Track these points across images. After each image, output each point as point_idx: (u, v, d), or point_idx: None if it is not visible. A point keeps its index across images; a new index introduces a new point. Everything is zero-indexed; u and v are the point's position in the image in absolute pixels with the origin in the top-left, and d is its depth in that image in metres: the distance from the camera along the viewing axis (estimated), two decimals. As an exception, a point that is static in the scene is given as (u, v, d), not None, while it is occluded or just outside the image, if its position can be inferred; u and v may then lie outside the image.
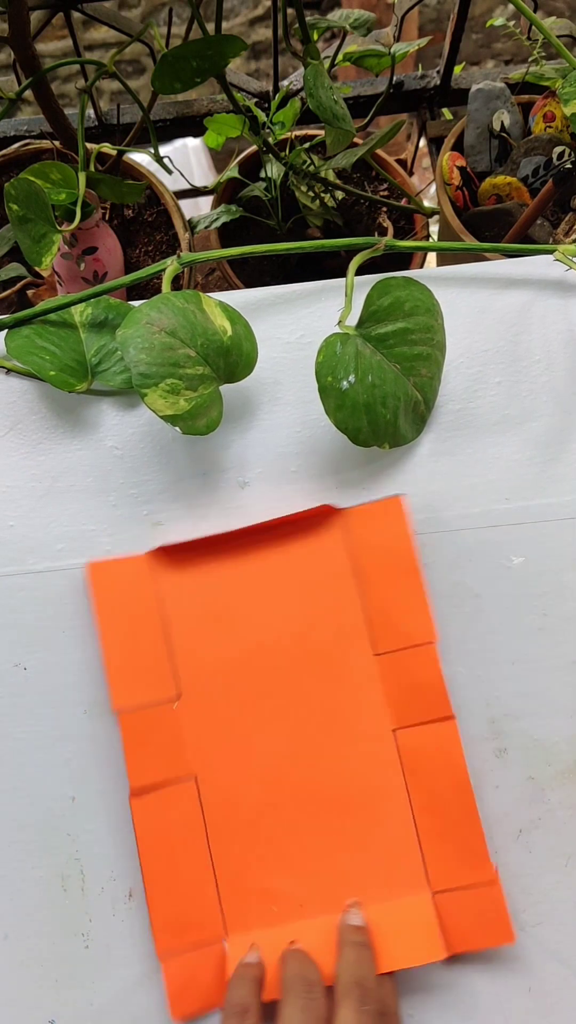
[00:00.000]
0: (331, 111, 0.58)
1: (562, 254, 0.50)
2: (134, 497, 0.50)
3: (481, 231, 0.74)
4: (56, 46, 1.67)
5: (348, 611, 0.48)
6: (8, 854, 0.47)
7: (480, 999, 0.45)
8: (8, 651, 0.48)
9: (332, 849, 0.46)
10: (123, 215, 0.80)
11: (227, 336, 0.47)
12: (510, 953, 0.46)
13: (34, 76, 0.60)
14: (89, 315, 0.52)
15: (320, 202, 0.79)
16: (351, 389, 0.45)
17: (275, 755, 0.47)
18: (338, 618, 0.48)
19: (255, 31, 1.75)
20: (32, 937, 0.46)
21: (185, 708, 0.47)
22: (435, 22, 1.75)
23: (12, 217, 0.56)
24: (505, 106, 0.76)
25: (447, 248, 0.59)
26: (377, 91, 0.87)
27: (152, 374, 0.43)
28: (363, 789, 0.47)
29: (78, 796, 0.47)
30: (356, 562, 0.48)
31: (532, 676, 0.49)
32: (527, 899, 0.46)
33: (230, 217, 0.77)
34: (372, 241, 0.51)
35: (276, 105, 0.76)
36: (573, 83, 0.59)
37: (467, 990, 0.45)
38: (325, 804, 0.46)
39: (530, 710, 0.48)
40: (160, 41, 0.65)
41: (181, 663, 0.47)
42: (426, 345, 0.48)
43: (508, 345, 0.52)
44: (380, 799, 0.46)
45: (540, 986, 0.46)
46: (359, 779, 0.47)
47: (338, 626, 0.48)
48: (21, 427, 0.51)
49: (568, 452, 0.51)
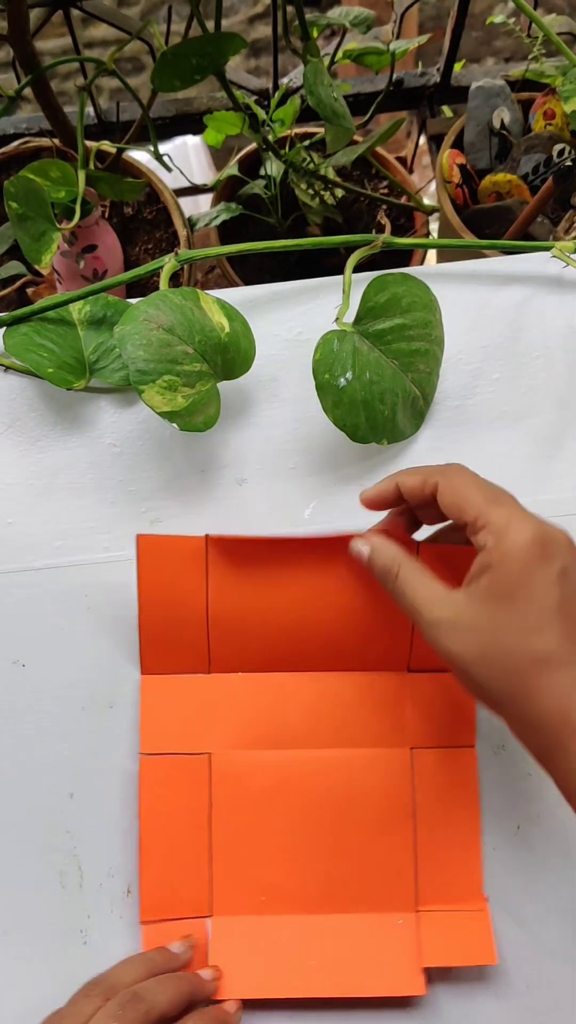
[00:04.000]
0: (331, 108, 0.58)
1: (559, 251, 0.50)
2: (132, 494, 0.50)
3: (481, 229, 0.74)
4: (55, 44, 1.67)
5: (395, 629, 0.47)
6: (6, 851, 0.47)
7: (480, 997, 0.45)
8: (6, 648, 0.49)
9: (329, 852, 0.46)
10: (123, 213, 0.80)
11: (225, 333, 0.47)
12: (510, 952, 0.46)
13: (34, 74, 0.60)
14: (87, 312, 0.52)
15: (320, 200, 0.79)
16: (348, 386, 0.45)
17: (292, 749, 0.47)
18: (381, 633, 0.47)
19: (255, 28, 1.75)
20: (30, 933, 0.46)
21: (212, 684, 0.47)
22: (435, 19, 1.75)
23: (11, 215, 0.56)
24: (505, 103, 0.76)
25: (443, 245, 0.59)
26: (377, 88, 0.87)
27: (150, 371, 0.43)
28: (370, 800, 0.46)
29: (76, 793, 0.47)
30: None
31: (530, 673, 0.49)
32: (525, 895, 0.46)
33: (230, 215, 0.77)
34: (370, 238, 0.51)
35: (276, 103, 0.76)
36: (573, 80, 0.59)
37: (466, 988, 0.45)
38: (331, 807, 0.46)
39: (528, 707, 0.48)
40: (160, 39, 0.65)
41: (215, 645, 0.47)
42: (424, 341, 0.48)
43: (506, 341, 0.52)
44: (385, 813, 0.46)
45: (539, 983, 0.46)
46: (368, 789, 0.46)
47: (379, 640, 0.47)
48: (19, 424, 0.51)
49: (566, 448, 0.51)
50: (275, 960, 0.44)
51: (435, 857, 0.46)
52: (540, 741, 0.36)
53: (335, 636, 0.47)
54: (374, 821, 0.46)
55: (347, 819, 0.46)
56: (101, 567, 0.49)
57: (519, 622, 0.36)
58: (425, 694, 0.47)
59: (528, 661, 0.35)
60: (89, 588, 0.49)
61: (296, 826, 0.46)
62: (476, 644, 0.36)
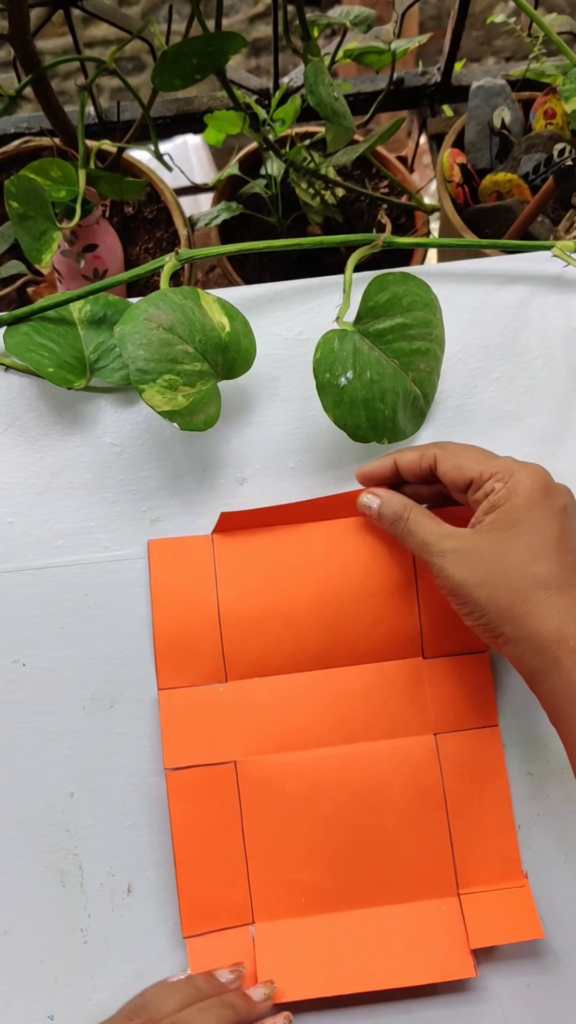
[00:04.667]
0: (331, 108, 0.58)
1: (560, 250, 0.50)
2: (133, 494, 0.50)
3: (482, 228, 0.74)
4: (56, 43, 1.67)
5: (406, 615, 0.47)
6: (7, 850, 0.47)
7: (479, 996, 0.45)
8: (7, 647, 0.49)
9: (365, 847, 0.46)
10: (123, 212, 0.80)
11: (225, 332, 0.47)
12: (509, 950, 0.46)
13: (34, 73, 0.60)
14: (88, 312, 0.52)
15: (320, 199, 0.79)
16: (349, 385, 0.45)
17: (316, 748, 0.47)
18: (394, 620, 0.47)
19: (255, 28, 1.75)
20: (31, 932, 0.46)
21: (230, 692, 0.47)
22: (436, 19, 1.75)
23: (12, 214, 0.56)
24: (506, 103, 0.76)
25: (444, 244, 0.59)
26: (377, 88, 0.87)
27: (150, 370, 0.43)
28: (399, 789, 0.46)
29: (77, 792, 0.47)
30: (421, 568, 0.47)
31: (531, 672, 0.49)
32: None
33: (230, 214, 0.77)
34: (370, 238, 0.51)
35: (276, 102, 0.76)
36: (574, 80, 0.59)
37: (466, 986, 0.45)
38: (362, 802, 0.46)
39: (528, 706, 0.48)
40: (160, 38, 0.65)
41: (230, 647, 0.47)
42: (424, 340, 0.48)
43: (507, 341, 0.52)
44: (415, 801, 0.46)
45: (539, 982, 0.46)
46: (396, 779, 0.46)
47: (392, 628, 0.47)
48: (20, 424, 0.51)
49: (566, 448, 0.51)
50: (323, 959, 0.45)
51: (471, 839, 0.46)
52: (535, 661, 0.38)
53: (346, 625, 0.47)
54: (406, 810, 0.46)
55: (379, 811, 0.46)
56: (101, 567, 0.49)
57: (522, 548, 0.39)
58: (443, 679, 0.47)
59: (529, 584, 0.38)
60: (89, 588, 0.49)
61: (329, 824, 0.46)
62: (481, 568, 0.39)
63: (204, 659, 0.47)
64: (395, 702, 0.47)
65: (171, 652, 0.47)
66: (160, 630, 0.47)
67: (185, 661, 0.47)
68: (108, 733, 0.48)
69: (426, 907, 0.46)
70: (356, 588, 0.47)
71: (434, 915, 0.45)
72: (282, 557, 0.47)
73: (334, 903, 0.46)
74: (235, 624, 0.47)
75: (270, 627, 0.47)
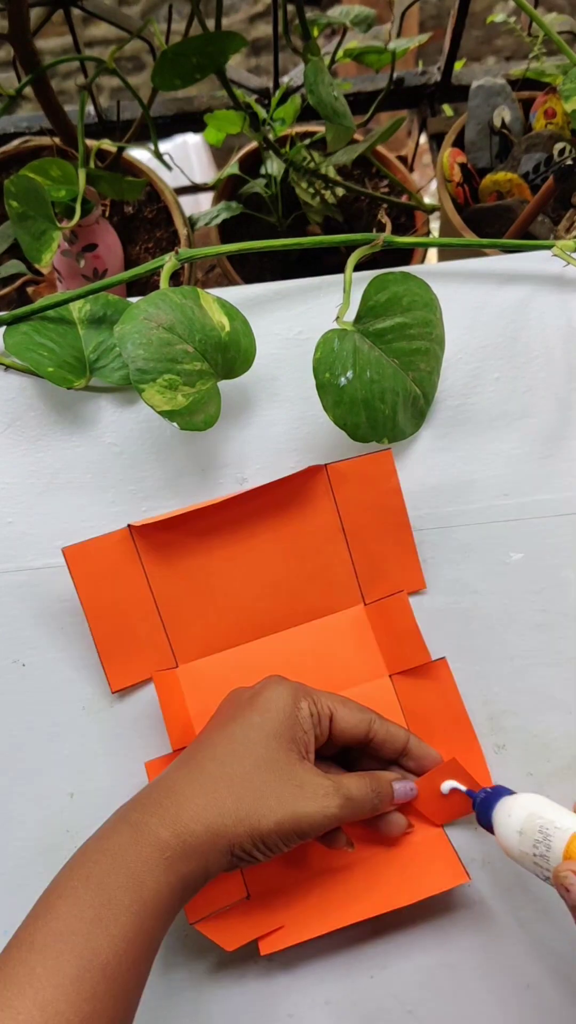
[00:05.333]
0: (331, 107, 0.57)
1: (560, 249, 0.50)
2: (132, 493, 0.50)
3: (482, 228, 0.73)
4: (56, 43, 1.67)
5: (339, 566, 0.49)
6: (7, 851, 0.47)
7: (479, 995, 0.45)
8: (6, 647, 0.49)
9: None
10: (123, 212, 0.80)
11: (225, 332, 0.47)
12: (509, 950, 0.46)
13: (34, 72, 0.60)
14: (88, 311, 0.52)
15: (320, 199, 0.79)
16: (349, 385, 0.45)
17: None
18: (329, 573, 0.49)
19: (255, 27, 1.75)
20: (31, 932, 0.46)
21: (185, 675, 0.48)
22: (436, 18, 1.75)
23: (12, 214, 0.56)
24: (506, 102, 0.76)
25: (444, 244, 0.59)
26: (377, 87, 0.87)
27: (150, 369, 0.43)
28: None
29: (76, 793, 0.47)
30: (346, 517, 0.49)
31: (531, 672, 0.49)
32: (525, 896, 0.46)
33: (230, 214, 0.77)
34: (370, 237, 0.51)
35: (276, 101, 0.76)
36: (574, 79, 0.59)
37: (466, 985, 0.45)
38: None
39: (529, 706, 0.48)
40: (160, 38, 0.65)
41: (174, 633, 0.48)
42: (424, 340, 0.48)
43: (507, 341, 0.52)
44: None
45: (539, 982, 0.46)
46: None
47: (329, 581, 0.49)
48: (19, 424, 0.51)
49: (567, 448, 0.51)
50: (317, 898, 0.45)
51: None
52: None
53: (284, 586, 0.49)
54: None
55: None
56: (101, 566, 0.49)
57: None
58: (382, 621, 0.49)
59: None
60: (89, 587, 0.49)
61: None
62: None
63: (151, 651, 0.48)
64: (345, 653, 0.49)
65: (115, 652, 0.48)
66: (99, 634, 0.47)
67: (131, 657, 0.48)
68: (108, 734, 0.48)
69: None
70: (286, 548, 0.49)
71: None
72: (207, 532, 0.48)
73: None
74: (173, 609, 0.48)
75: (209, 604, 0.48)
